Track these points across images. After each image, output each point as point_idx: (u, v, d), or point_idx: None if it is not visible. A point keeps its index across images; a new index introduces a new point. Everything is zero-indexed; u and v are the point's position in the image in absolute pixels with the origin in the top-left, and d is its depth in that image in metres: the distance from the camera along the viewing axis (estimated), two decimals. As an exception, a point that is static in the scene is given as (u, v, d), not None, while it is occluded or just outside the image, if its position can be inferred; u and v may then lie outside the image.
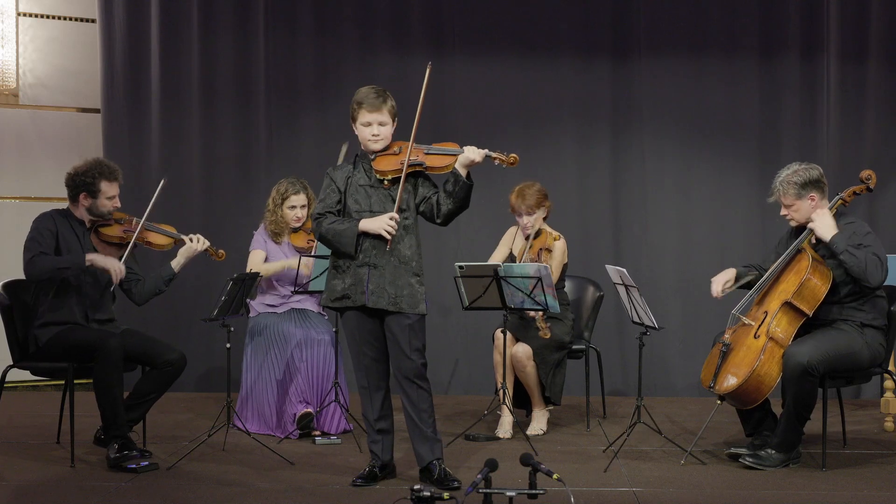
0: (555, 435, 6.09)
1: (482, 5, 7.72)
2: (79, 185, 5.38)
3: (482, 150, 4.75)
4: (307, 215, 6.21)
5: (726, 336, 5.29)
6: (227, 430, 5.56)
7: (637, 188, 7.68)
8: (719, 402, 5.30)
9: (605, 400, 6.69)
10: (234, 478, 5.05)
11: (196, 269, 6.83)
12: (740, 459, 5.24)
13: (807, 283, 5.14)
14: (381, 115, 4.82)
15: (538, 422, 6.12)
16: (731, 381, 5.17)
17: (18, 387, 7.32)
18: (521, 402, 6.24)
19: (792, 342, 5.15)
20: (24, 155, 7.65)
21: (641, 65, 7.65)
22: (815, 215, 5.21)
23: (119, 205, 5.44)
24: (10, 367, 5.38)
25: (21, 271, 5.84)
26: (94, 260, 5.26)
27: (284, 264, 6.14)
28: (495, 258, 6.22)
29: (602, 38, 7.68)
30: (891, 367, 5.78)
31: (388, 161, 4.84)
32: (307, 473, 5.15)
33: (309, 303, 6.26)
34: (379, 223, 4.73)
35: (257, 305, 6.25)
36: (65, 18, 7.76)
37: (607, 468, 5.21)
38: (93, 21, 7.72)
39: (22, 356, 5.42)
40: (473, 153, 4.73)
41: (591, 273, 6.90)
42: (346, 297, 4.82)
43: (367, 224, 4.75)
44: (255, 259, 6.20)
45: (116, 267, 5.27)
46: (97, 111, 7.71)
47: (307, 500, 4.69)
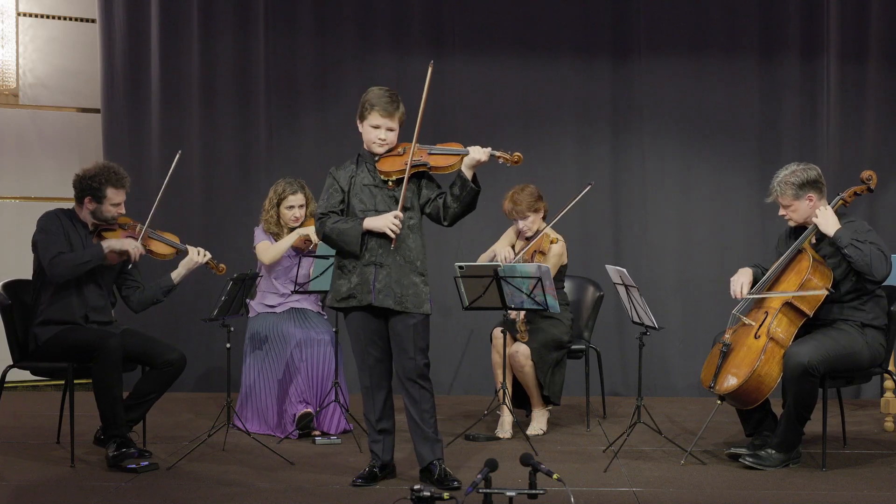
0: (555, 435, 6.09)
1: (482, 5, 7.72)
2: (85, 189, 5.37)
3: (486, 149, 4.76)
4: (305, 215, 6.22)
5: (727, 336, 5.29)
6: (227, 430, 5.56)
7: (637, 188, 7.68)
8: (719, 402, 5.30)
9: (605, 400, 6.70)
10: (234, 478, 5.05)
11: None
12: (740, 459, 5.24)
13: (807, 283, 5.14)
14: (392, 122, 4.83)
15: (538, 422, 6.12)
16: (731, 382, 5.16)
17: (18, 387, 7.32)
18: (520, 402, 6.24)
19: (792, 342, 5.15)
20: (24, 155, 7.65)
21: (641, 65, 7.66)
22: (818, 211, 5.21)
23: (123, 211, 5.43)
24: (10, 367, 5.38)
25: (22, 271, 5.86)
26: (112, 245, 5.27)
27: (295, 234, 6.11)
28: (496, 248, 6.20)
29: (602, 38, 7.68)
30: (891, 367, 5.78)
31: (392, 161, 4.83)
32: (307, 473, 5.15)
33: (308, 303, 6.26)
34: (383, 221, 4.73)
35: (257, 306, 6.24)
36: (65, 18, 7.76)
37: (607, 468, 5.21)
38: (93, 21, 7.72)
39: (22, 356, 5.42)
40: (479, 153, 4.74)
41: (591, 273, 6.90)
42: (352, 297, 4.81)
43: (371, 222, 4.75)
44: (264, 247, 6.18)
45: (133, 246, 5.29)
46: (97, 111, 7.72)
47: (307, 500, 4.69)
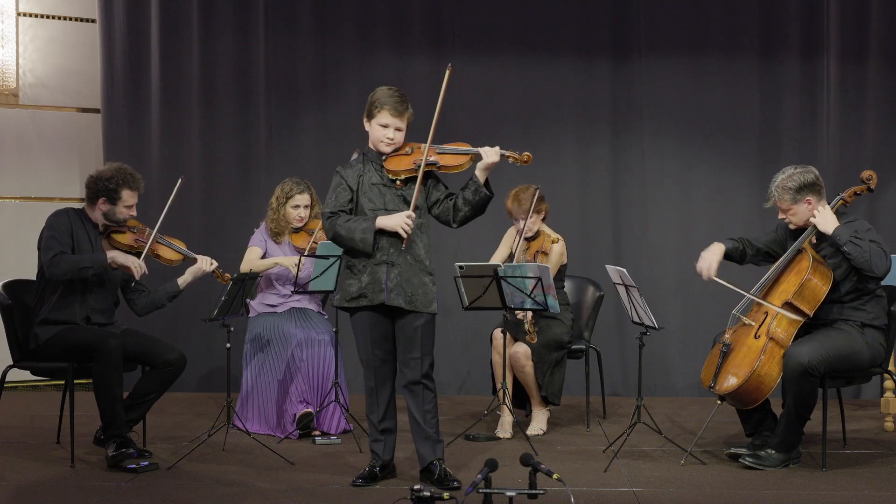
0: (555, 435, 6.09)
1: (482, 5, 7.72)
2: (100, 190, 5.36)
3: (496, 148, 4.77)
4: (309, 216, 6.22)
5: (726, 336, 5.29)
6: (227, 430, 5.56)
7: (637, 188, 7.68)
8: (719, 402, 5.30)
9: (605, 400, 6.70)
10: (234, 478, 5.05)
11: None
12: (740, 459, 5.24)
13: (807, 283, 5.14)
14: (401, 122, 4.83)
15: (538, 422, 6.11)
16: (731, 382, 5.17)
17: (18, 387, 7.32)
18: (520, 402, 6.24)
19: (792, 342, 5.15)
20: (24, 155, 7.65)
21: (641, 65, 7.66)
22: (816, 211, 5.21)
23: (135, 213, 5.44)
24: (10, 367, 5.38)
25: (21, 271, 5.86)
26: (116, 257, 5.28)
27: (276, 261, 6.14)
28: (496, 258, 6.22)
29: (602, 38, 7.68)
30: (891, 367, 5.78)
31: (400, 161, 4.83)
32: (307, 473, 5.15)
33: (309, 302, 6.26)
34: (396, 220, 4.72)
35: (257, 305, 6.25)
36: (65, 18, 7.76)
37: (607, 468, 5.21)
38: (93, 21, 7.72)
39: (22, 355, 5.41)
40: (491, 155, 4.75)
41: (591, 273, 6.90)
42: (363, 297, 4.79)
43: (384, 221, 4.74)
44: (251, 256, 6.20)
45: (136, 264, 5.29)
46: (97, 111, 7.71)
47: (307, 500, 4.69)
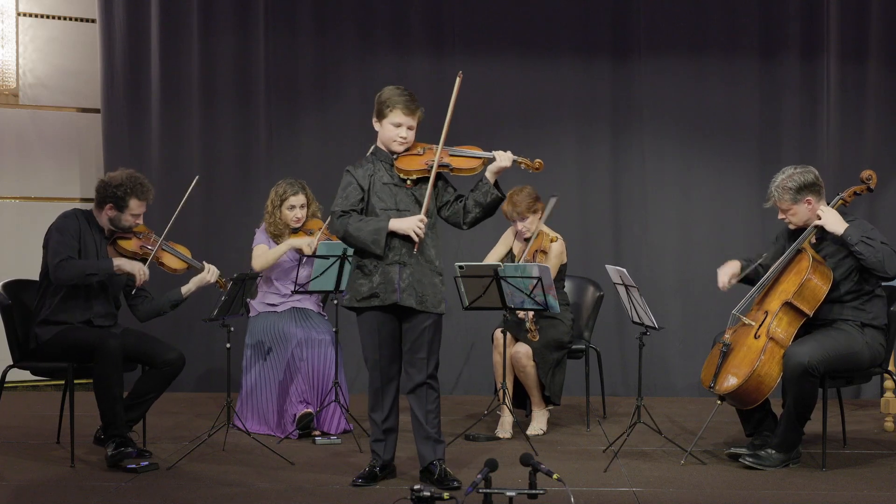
0: (555, 435, 6.09)
1: (482, 5, 7.72)
2: (109, 196, 5.36)
3: (508, 153, 4.79)
4: (307, 215, 6.22)
5: (727, 336, 5.29)
6: (227, 430, 5.56)
7: (637, 188, 7.68)
8: (719, 402, 5.30)
9: (605, 400, 6.70)
10: (234, 478, 5.05)
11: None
12: (740, 459, 5.24)
13: (807, 283, 5.14)
14: (413, 120, 4.84)
15: (538, 422, 6.11)
16: (731, 382, 5.16)
17: (18, 387, 7.32)
18: (521, 402, 6.24)
19: (792, 342, 5.15)
20: (24, 155, 7.65)
21: (641, 65, 7.66)
22: (820, 212, 5.21)
23: (141, 222, 5.45)
24: (10, 367, 5.38)
25: (21, 271, 5.86)
26: (122, 264, 5.28)
27: (290, 244, 6.12)
28: (493, 256, 6.22)
29: (602, 38, 7.68)
30: (891, 367, 5.78)
31: (412, 161, 4.83)
32: (307, 473, 5.15)
33: (309, 302, 6.26)
34: (409, 224, 4.72)
35: (257, 305, 6.24)
36: (65, 18, 7.76)
37: (607, 468, 5.21)
38: (93, 21, 7.71)
39: (22, 355, 5.41)
40: (504, 160, 4.78)
41: (591, 273, 6.90)
42: (375, 297, 4.79)
43: (396, 224, 4.73)
44: (259, 251, 6.19)
45: (141, 270, 5.30)
46: (97, 111, 7.71)
47: (307, 500, 4.69)
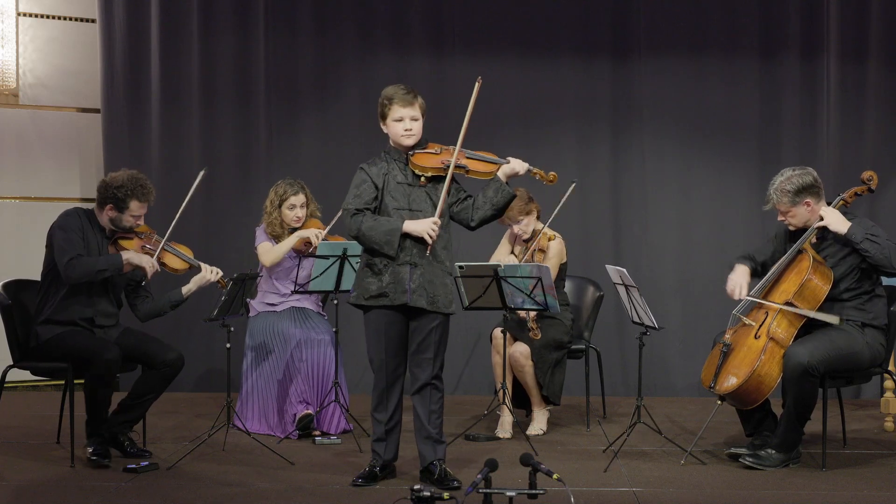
0: (555, 435, 6.09)
1: (482, 5, 7.72)
2: (109, 197, 5.35)
3: (525, 163, 4.84)
4: (306, 215, 6.22)
5: (727, 336, 5.29)
6: (227, 430, 5.56)
7: (637, 188, 7.68)
8: (719, 402, 5.30)
9: (605, 400, 6.69)
10: (234, 478, 5.05)
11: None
12: (740, 459, 5.24)
13: (807, 283, 5.14)
14: (413, 110, 4.83)
15: (538, 422, 6.11)
16: (731, 382, 5.16)
17: (18, 387, 7.32)
18: (520, 401, 6.23)
19: (792, 342, 5.15)
20: (24, 155, 7.65)
21: (641, 65, 7.66)
22: (823, 213, 5.21)
23: (141, 223, 5.44)
24: (10, 367, 5.38)
25: (21, 271, 5.86)
26: (130, 258, 5.28)
27: (297, 235, 6.11)
28: (496, 258, 6.22)
29: (602, 38, 7.68)
30: (891, 367, 5.77)
31: (428, 159, 4.83)
32: (307, 473, 5.15)
33: (309, 302, 6.26)
34: (423, 226, 4.72)
35: (257, 305, 6.24)
36: (65, 18, 7.76)
37: (607, 468, 5.21)
38: (93, 21, 7.71)
39: (22, 355, 5.41)
40: (518, 165, 4.83)
41: (591, 273, 6.90)
42: (384, 296, 4.78)
43: (410, 226, 4.73)
44: (265, 249, 6.18)
45: (149, 263, 5.30)
46: (97, 111, 7.71)
47: (307, 500, 4.69)
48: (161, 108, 7.67)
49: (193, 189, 5.56)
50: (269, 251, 6.16)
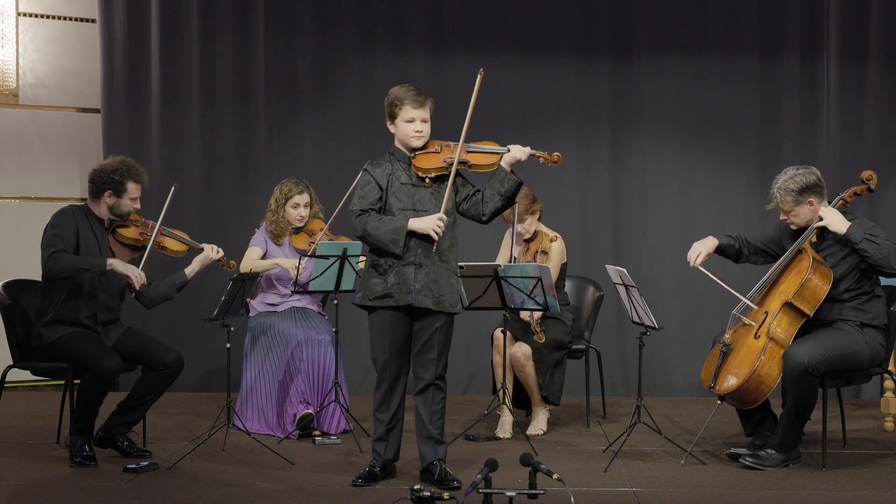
0: (555, 435, 6.09)
1: (482, 5, 7.72)
2: (105, 182, 5.34)
3: (526, 148, 4.80)
4: (309, 215, 6.23)
5: (727, 336, 5.29)
6: (227, 430, 5.56)
7: (637, 188, 7.68)
8: (719, 402, 5.30)
9: (605, 400, 6.69)
10: (234, 478, 5.05)
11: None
12: (740, 459, 5.24)
13: (807, 283, 5.14)
14: (424, 112, 4.83)
15: (538, 422, 6.11)
16: (731, 382, 5.17)
17: (18, 387, 7.32)
18: (521, 401, 6.23)
19: (792, 342, 5.15)
20: (24, 155, 7.65)
21: (641, 65, 7.66)
22: (822, 213, 5.21)
23: (139, 206, 5.43)
24: (10, 367, 5.38)
25: (22, 271, 5.86)
26: (115, 265, 5.23)
27: (276, 262, 6.14)
28: (501, 259, 6.22)
29: (602, 38, 7.68)
30: (891, 367, 5.78)
31: (430, 159, 4.82)
32: (307, 473, 5.15)
33: (309, 302, 6.26)
34: (429, 223, 4.71)
35: (257, 305, 6.25)
36: (65, 18, 7.76)
37: (607, 468, 5.21)
38: (93, 21, 7.72)
39: (22, 355, 5.41)
40: (519, 152, 4.79)
41: (591, 273, 6.90)
42: (389, 297, 4.77)
43: (416, 223, 4.72)
44: (251, 255, 6.20)
45: (136, 274, 5.26)
46: (97, 111, 7.71)
47: (307, 500, 4.69)
48: (161, 108, 7.67)
49: (166, 207, 5.43)
50: (248, 260, 6.15)
